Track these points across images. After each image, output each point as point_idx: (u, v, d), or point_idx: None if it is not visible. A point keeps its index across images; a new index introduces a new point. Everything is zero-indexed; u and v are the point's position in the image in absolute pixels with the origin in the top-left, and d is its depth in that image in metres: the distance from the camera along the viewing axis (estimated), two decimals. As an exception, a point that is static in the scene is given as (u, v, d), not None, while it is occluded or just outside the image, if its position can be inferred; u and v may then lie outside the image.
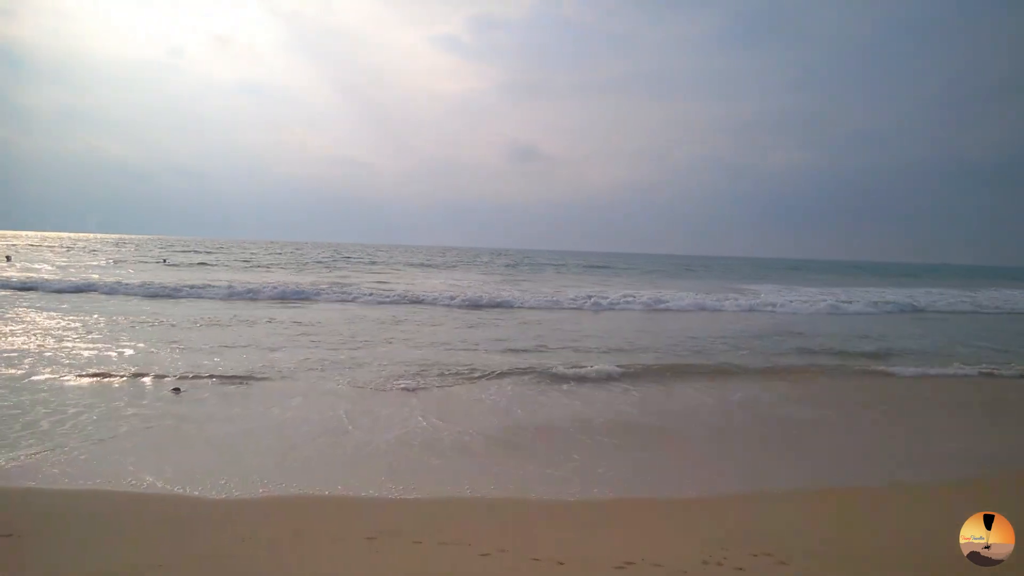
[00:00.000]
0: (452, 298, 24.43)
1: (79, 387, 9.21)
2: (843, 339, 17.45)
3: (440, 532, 4.85)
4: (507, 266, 60.86)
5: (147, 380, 9.76)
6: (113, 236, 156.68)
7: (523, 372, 11.30)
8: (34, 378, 9.56)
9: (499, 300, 24.82)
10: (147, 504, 5.40)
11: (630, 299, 26.30)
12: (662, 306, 25.52)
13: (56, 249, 60.34)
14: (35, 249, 58.43)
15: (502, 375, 11.02)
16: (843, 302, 28.08)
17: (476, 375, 10.97)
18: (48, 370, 10.05)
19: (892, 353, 14.88)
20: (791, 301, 27.75)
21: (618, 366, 11.83)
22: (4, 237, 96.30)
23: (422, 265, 56.53)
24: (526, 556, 4.41)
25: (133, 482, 5.83)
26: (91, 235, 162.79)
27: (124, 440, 7.08)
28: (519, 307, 23.96)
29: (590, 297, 26.16)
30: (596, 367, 11.73)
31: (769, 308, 25.93)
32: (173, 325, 15.83)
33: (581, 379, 10.99)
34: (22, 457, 6.34)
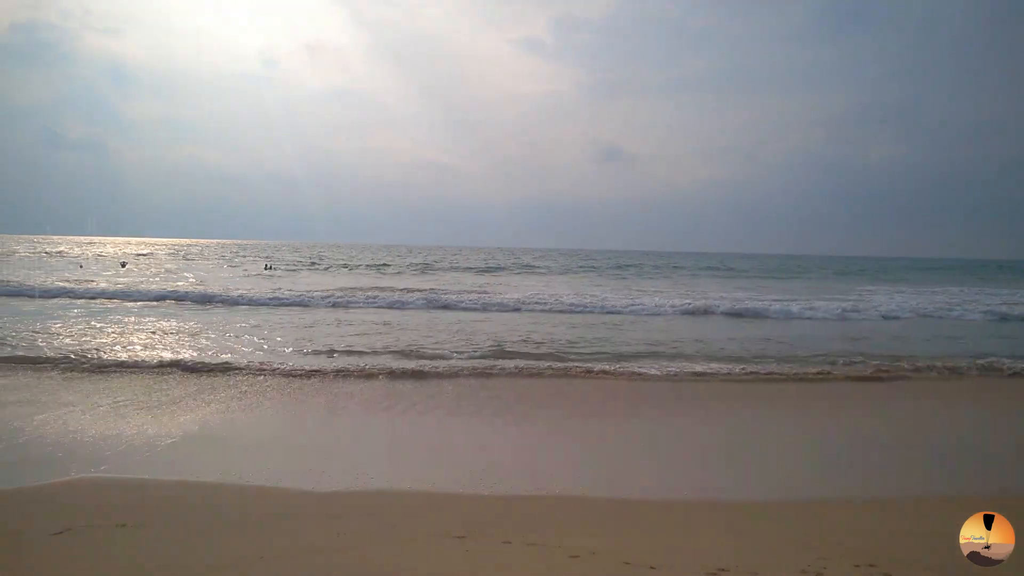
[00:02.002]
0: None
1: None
2: None
3: (530, 532, 4.74)
4: (617, 268, 59.37)
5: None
6: (219, 241, 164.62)
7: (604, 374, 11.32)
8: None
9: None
10: (249, 496, 5.55)
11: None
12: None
13: (176, 257, 62.82)
14: (154, 257, 61.14)
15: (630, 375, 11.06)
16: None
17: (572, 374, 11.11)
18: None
19: None
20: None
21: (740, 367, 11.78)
22: (115, 244, 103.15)
23: (528, 267, 55.95)
24: (617, 559, 4.25)
25: (237, 474, 6.04)
26: (198, 240, 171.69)
27: (233, 432, 7.50)
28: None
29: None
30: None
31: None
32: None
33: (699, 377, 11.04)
34: (141, 449, 6.72)
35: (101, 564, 4.22)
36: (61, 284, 25.97)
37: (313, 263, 54.46)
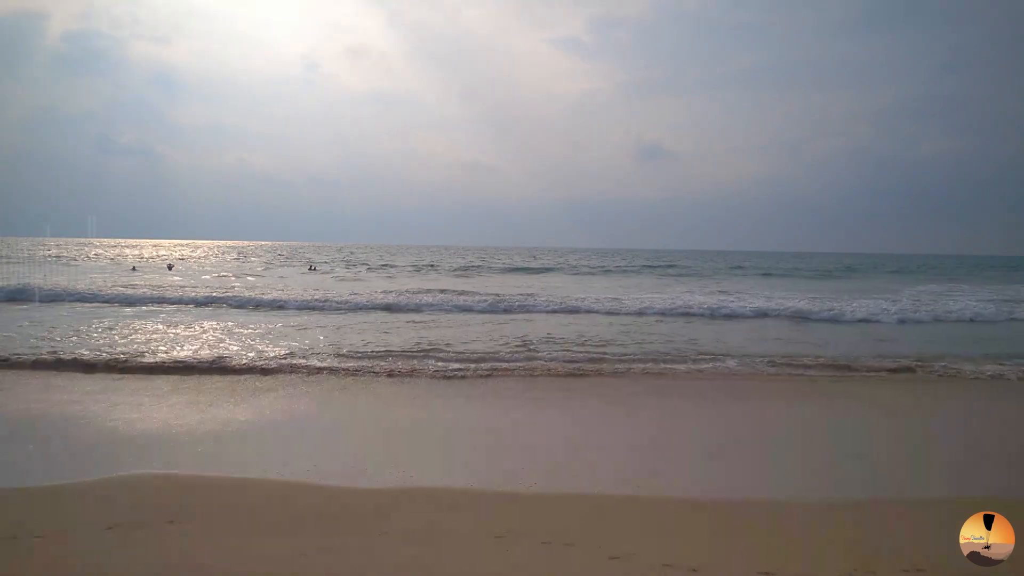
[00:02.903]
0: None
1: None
2: None
3: (568, 532, 4.71)
4: (668, 267, 58.04)
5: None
6: (260, 243, 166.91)
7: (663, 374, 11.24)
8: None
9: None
10: (293, 493, 5.62)
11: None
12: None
13: (221, 259, 62.83)
14: (198, 260, 61.80)
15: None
16: None
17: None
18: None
19: None
20: None
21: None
22: (160, 246, 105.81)
23: (575, 267, 54.93)
24: (657, 561, 4.20)
25: (283, 472, 6.15)
26: (240, 242, 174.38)
27: (279, 430, 7.66)
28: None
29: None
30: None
31: None
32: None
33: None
34: (191, 446, 6.91)
35: (150, 560, 4.30)
36: (136, 290, 24.98)
37: (355, 264, 55.11)
